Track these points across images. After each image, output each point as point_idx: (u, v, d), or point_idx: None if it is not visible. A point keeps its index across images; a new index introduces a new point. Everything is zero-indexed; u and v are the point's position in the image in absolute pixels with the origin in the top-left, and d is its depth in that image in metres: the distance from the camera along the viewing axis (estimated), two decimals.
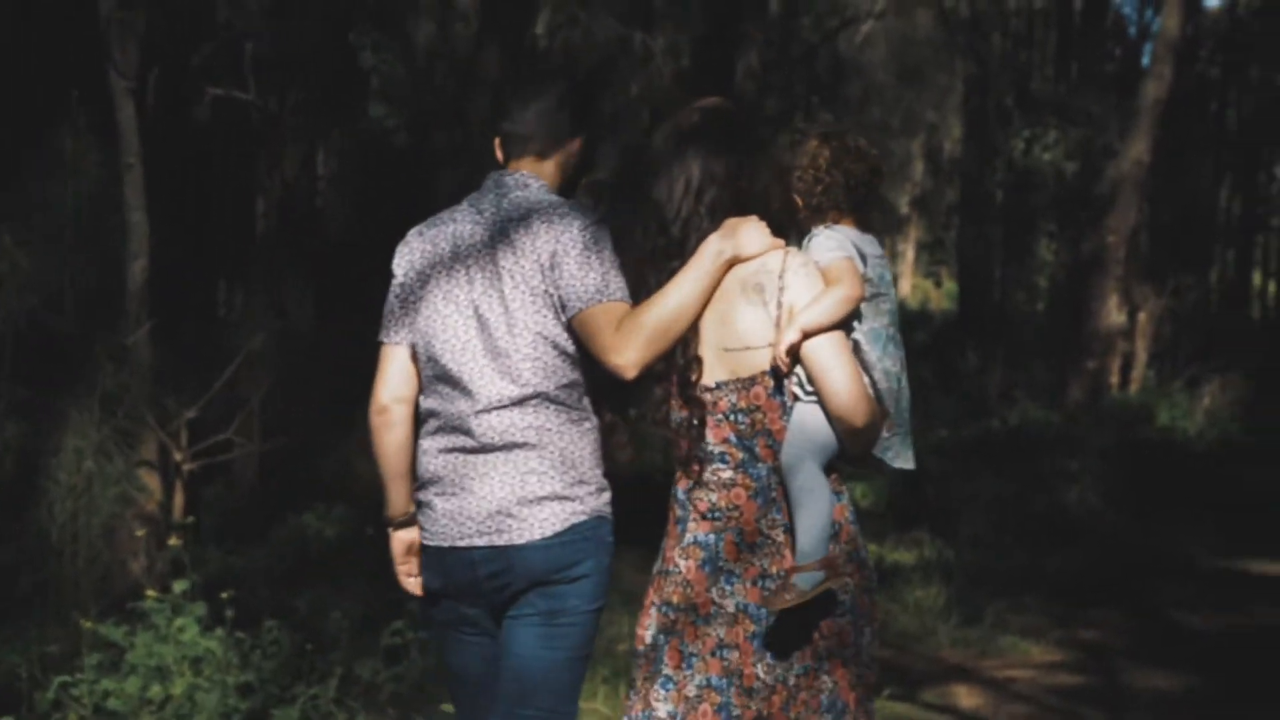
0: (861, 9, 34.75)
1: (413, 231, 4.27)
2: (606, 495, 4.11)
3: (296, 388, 12.34)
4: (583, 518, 4.01)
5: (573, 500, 4.00)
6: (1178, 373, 21.32)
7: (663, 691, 3.95)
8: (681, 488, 4.02)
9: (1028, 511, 13.41)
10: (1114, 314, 19.45)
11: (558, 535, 3.97)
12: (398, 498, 4.26)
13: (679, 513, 4.02)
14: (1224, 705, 8.39)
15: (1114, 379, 20.27)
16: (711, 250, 3.92)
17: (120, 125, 9.90)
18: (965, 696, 8.56)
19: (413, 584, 4.33)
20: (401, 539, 4.30)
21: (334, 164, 15.77)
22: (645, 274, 4.00)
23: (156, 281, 10.06)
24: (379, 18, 17.49)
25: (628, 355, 3.87)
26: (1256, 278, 34.08)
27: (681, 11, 29.06)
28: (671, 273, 3.93)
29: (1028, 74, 32.55)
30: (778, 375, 3.87)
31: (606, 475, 4.16)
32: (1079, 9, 28.41)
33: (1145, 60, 32.72)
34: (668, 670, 3.94)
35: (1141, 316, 21.52)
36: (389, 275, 4.30)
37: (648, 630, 4.03)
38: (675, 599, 3.96)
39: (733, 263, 3.93)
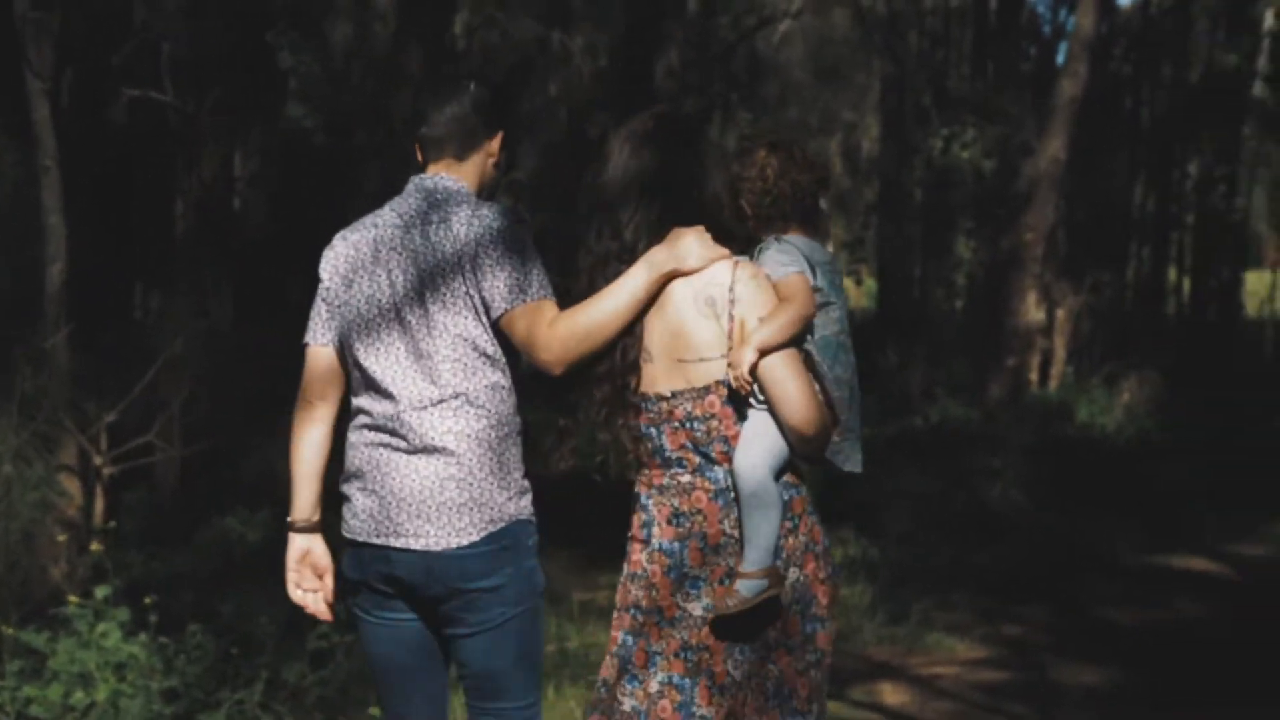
0: (779, 8, 34.80)
1: (337, 236, 4.32)
2: (527, 498, 4.19)
3: (218, 390, 12.26)
4: (500, 525, 4.08)
5: (491, 507, 4.08)
6: (1096, 369, 21.47)
7: (628, 687, 4.07)
8: (644, 493, 4.11)
9: (951, 509, 13.48)
10: (1033, 311, 19.56)
11: (473, 545, 4.05)
12: (304, 501, 4.36)
13: (643, 517, 4.11)
14: (1148, 700, 8.45)
15: (1033, 376, 20.39)
16: (652, 261, 3.99)
17: (36, 127, 9.82)
18: (891, 694, 8.59)
19: (299, 595, 4.42)
20: (299, 545, 4.38)
21: (252, 164, 15.67)
22: (595, 278, 4.06)
23: (75, 284, 9.96)
24: (296, 18, 17.39)
25: (555, 353, 3.95)
26: (1171, 274, 34.36)
27: (600, 11, 29.05)
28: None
29: (945, 73, 32.73)
30: (729, 384, 3.94)
31: (531, 476, 4.22)
32: (994, 8, 28.60)
33: (1060, 59, 33.00)
34: (634, 669, 4.06)
35: (1060, 313, 21.65)
36: (310, 275, 4.32)
37: (620, 632, 4.13)
38: (644, 602, 4.07)
39: (672, 275, 4.01)
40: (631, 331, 4.02)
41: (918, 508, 13.12)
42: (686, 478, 4.04)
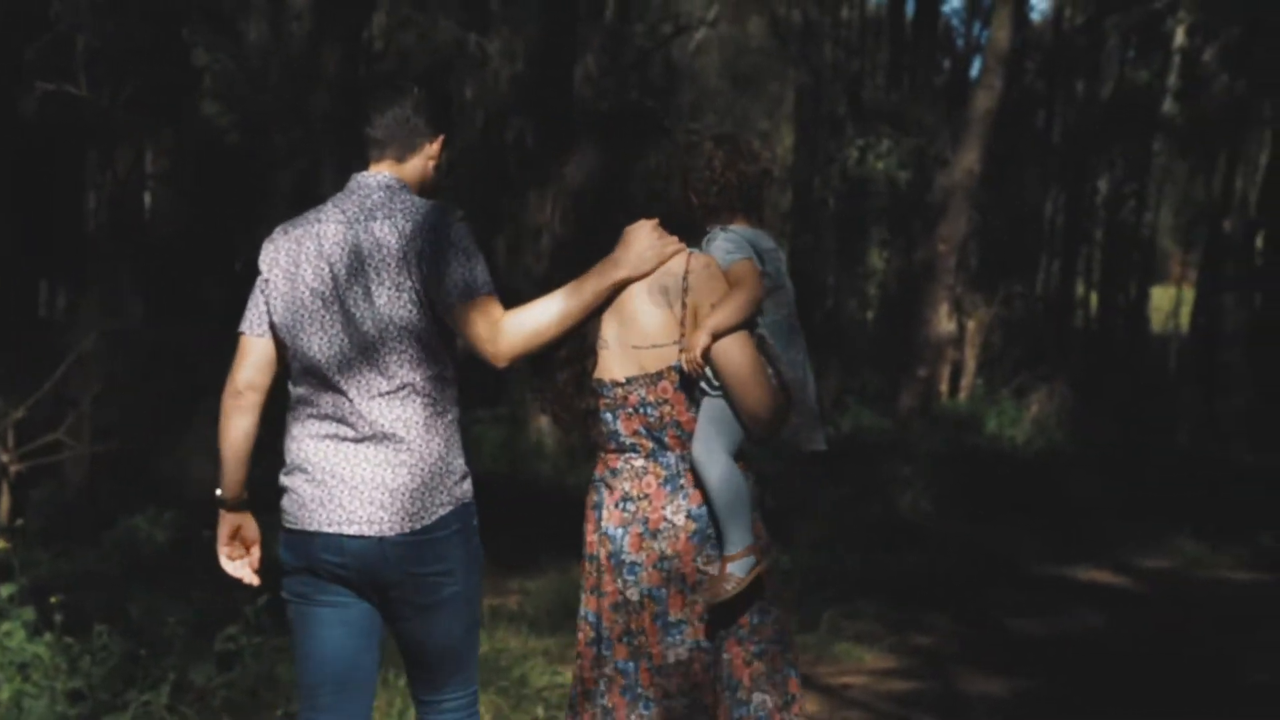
0: (695, 16, 34.87)
1: (278, 230, 4.44)
2: (468, 481, 4.36)
3: (128, 388, 12.15)
4: (450, 508, 4.27)
5: (440, 491, 4.25)
6: (1006, 381, 21.62)
7: (596, 670, 4.31)
8: (598, 475, 4.33)
9: (861, 517, 13.54)
10: (945, 322, 19.68)
11: (427, 529, 4.22)
12: (234, 481, 4.55)
13: (595, 499, 4.32)
14: (1052, 709, 8.51)
15: (944, 387, 20.51)
16: (605, 272, 4.20)
17: None
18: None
19: (232, 567, 4.67)
20: (231, 521, 4.63)
21: (165, 162, 15.55)
22: (557, 265, 4.13)
23: None
24: (211, 15, 17.28)
25: (502, 348, 4.16)
26: (1080, 288, 34.67)
27: (517, 15, 28.99)
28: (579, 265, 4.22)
29: (860, 83, 32.86)
30: (683, 370, 4.13)
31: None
32: (910, 20, 28.78)
33: (974, 72, 33.24)
34: (581, 647, 4.35)
35: (971, 325, 21.78)
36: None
37: (584, 607, 4.34)
38: (593, 583, 4.31)
39: (625, 283, 4.21)
40: (593, 319, 4.21)
41: (828, 516, 13.17)
42: (640, 462, 4.23)
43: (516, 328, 4.17)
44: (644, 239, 4.22)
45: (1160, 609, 11.77)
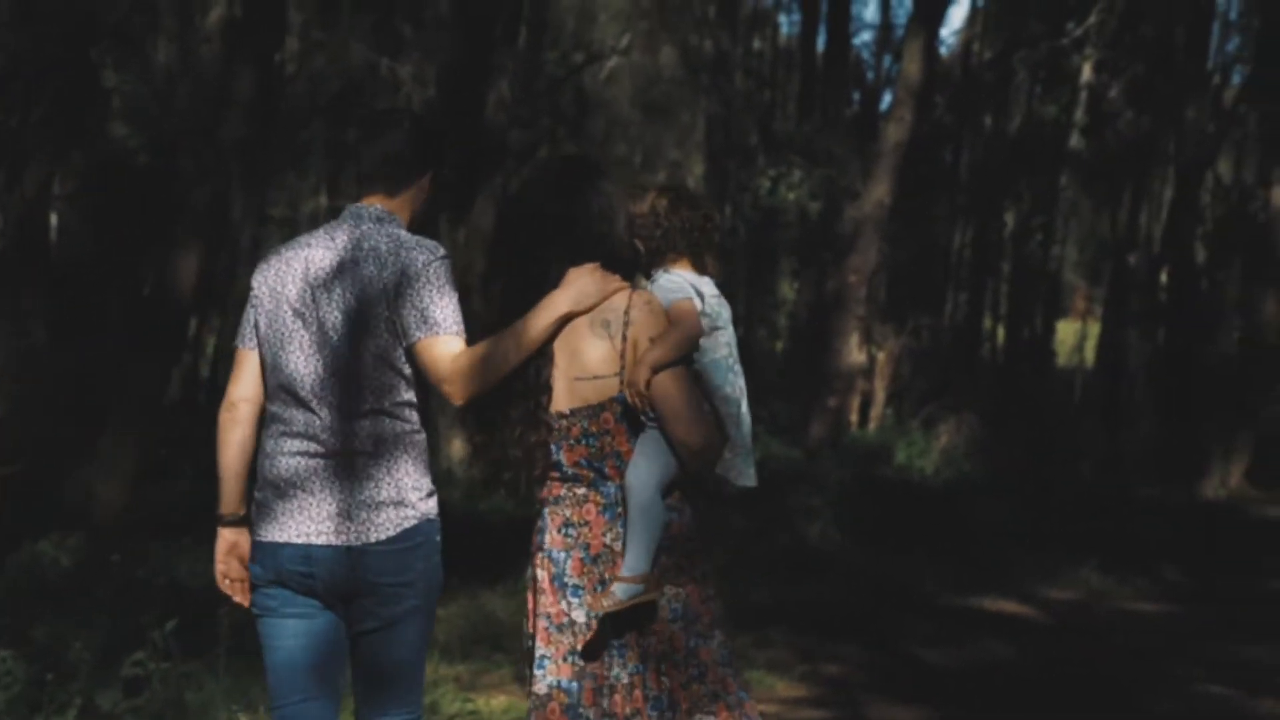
0: (607, 45, 34.94)
1: (272, 252, 4.63)
2: (434, 499, 4.50)
3: (33, 410, 12.01)
4: (415, 522, 4.40)
5: (406, 506, 4.39)
6: (914, 412, 21.75)
7: (532, 684, 4.43)
8: (545, 501, 4.46)
9: (771, 547, 13.56)
10: (855, 353, 19.77)
11: (392, 540, 4.36)
12: (231, 496, 4.62)
13: (540, 525, 4.46)
14: None
15: (853, 417, 20.61)
16: (550, 306, 4.35)
17: None
18: None
19: (228, 586, 4.67)
20: (227, 538, 4.65)
21: (73, 182, 15.40)
22: (509, 308, 4.41)
23: None
24: (120, 36, 17.14)
25: (458, 386, 4.30)
26: (987, 321, 34.94)
27: (429, 40, 28.93)
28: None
29: (771, 113, 33.02)
30: (624, 402, 4.31)
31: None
32: (821, 52, 28.93)
33: (884, 105, 33.47)
34: (527, 669, 4.48)
35: (880, 356, 21.92)
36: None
37: (527, 628, 4.49)
38: (534, 605, 4.45)
39: (569, 317, 4.37)
40: (544, 353, 4.36)
41: (738, 545, 13.18)
42: (581, 490, 4.39)
43: (470, 366, 4.30)
44: (586, 277, 4.39)
45: (1066, 640, 11.87)
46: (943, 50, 35.28)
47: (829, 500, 15.17)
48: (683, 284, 4.55)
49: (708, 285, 4.63)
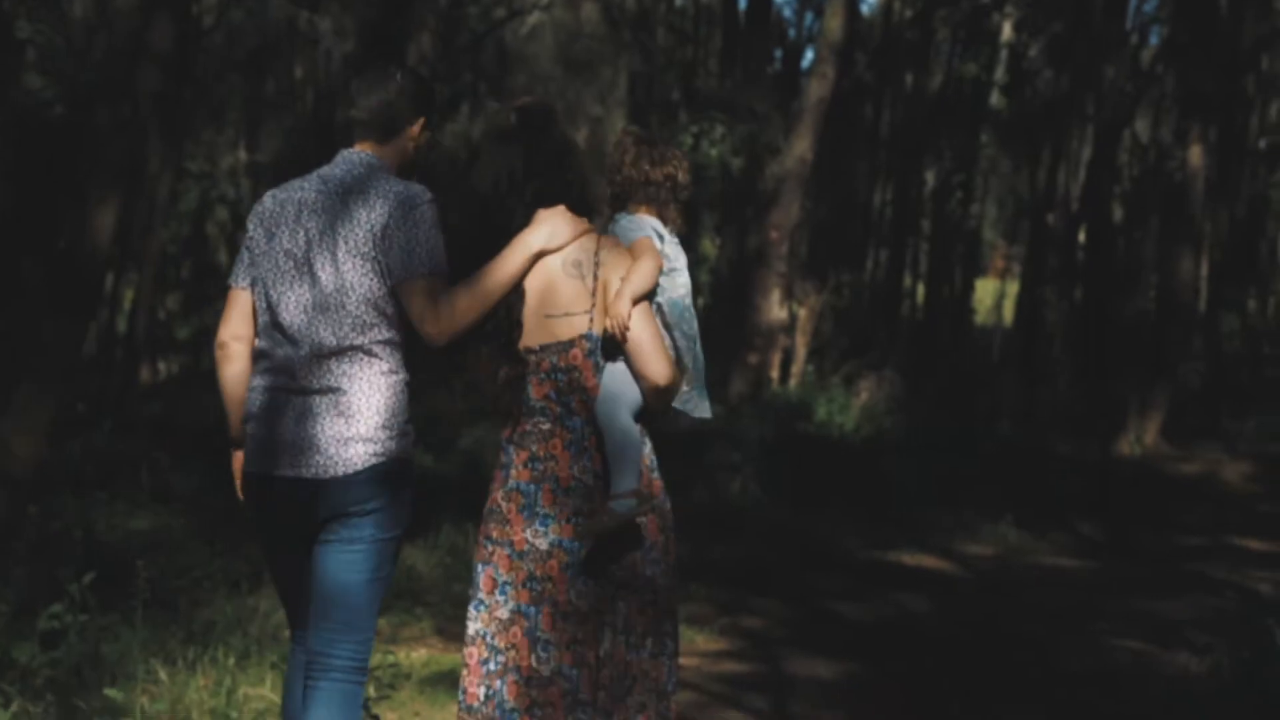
0: (528, 1, 34.78)
1: (267, 194, 4.86)
2: (408, 440, 4.71)
3: None
4: (381, 459, 4.61)
5: (374, 443, 4.60)
6: (835, 369, 21.81)
7: (474, 612, 4.65)
8: (506, 437, 4.70)
9: (692, 502, 13.59)
10: (776, 309, 19.79)
11: (358, 473, 4.59)
12: (237, 421, 4.87)
13: (503, 459, 4.68)
14: (878, 692, 8.62)
15: (774, 374, 20.64)
16: (522, 244, 4.59)
17: None
18: None
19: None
20: (239, 459, 4.92)
21: None
22: (469, 258, 4.60)
23: None
24: None
25: (439, 327, 4.53)
26: (908, 278, 35.09)
27: None
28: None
29: (694, 70, 32.98)
30: (593, 339, 4.58)
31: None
32: (743, 9, 28.91)
33: (806, 63, 33.48)
34: (481, 595, 4.64)
35: (802, 312, 21.95)
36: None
37: (477, 560, 4.69)
38: (495, 535, 4.63)
39: (540, 254, 4.61)
40: (516, 290, 4.58)
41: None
42: (547, 425, 4.61)
43: (450, 309, 4.54)
44: (557, 217, 4.62)
45: (983, 595, 11.97)
46: (864, 8, 35.34)
47: (749, 456, 15.20)
48: (642, 223, 4.82)
49: (666, 232, 4.86)
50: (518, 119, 4.79)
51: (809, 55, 33.41)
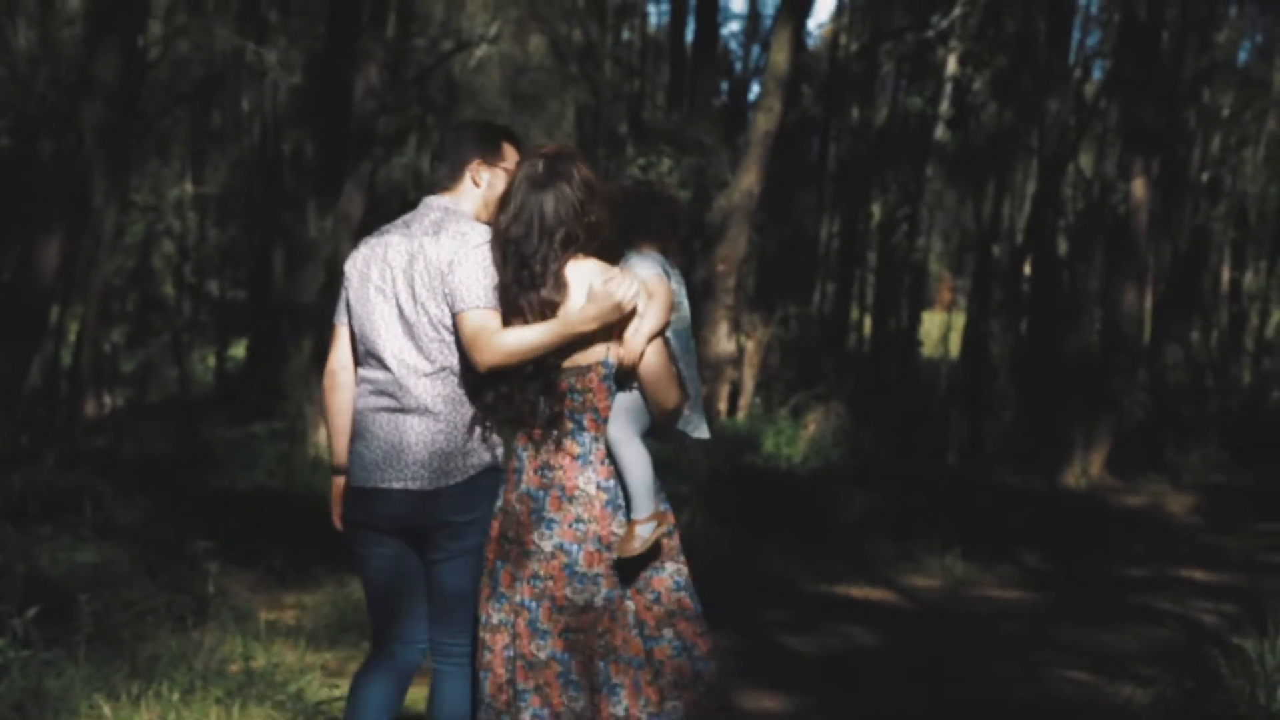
0: (476, 33, 34.84)
1: (363, 241, 5.56)
2: (499, 449, 5.37)
3: None
4: (476, 470, 5.29)
5: (469, 455, 5.28)
6: (783, 401, 21.82)
7: (496, 605, 5.17)
8: (521, 445, 5.24)
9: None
10: (724, 341, 19.81)
11: (457, 485, 5.26)
12: (340, 449, 5.54)
13: (516, 465, 5.24)
14: None
15: (722, 405, 20.64)
16: (570, 323, 5.06)
17: None
18: None
19: (348, 528, 5.57)
20: (340, 485, 5.58)
21: None
22: (509, 298, 5.13)
23: None
24: None
25: (484, 358, 5.10)
26: (855, 311, 35.19)
27: (297, 25, 28.70)
28: (537, 301, 5.10)
29: (640, 103, 33.04)
30: (609, 366, 5.13)
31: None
32: (690, 43, 28.99)
33: (753, 95, 33.58)
34: (502, 589, 5.16)
35: (749, 345, 21.97)
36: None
37: (493, 558, 5.20)
38: (510, 533, 5.18)
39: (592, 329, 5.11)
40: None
41: None
42: (558, 438, 5.15)
43: (501, 346, 5.08)
44: (611, 299, 5.06)
45: (929, 627, 11.98)
46: (810, 42, 35.52)
47: (697, 488, 15.19)
48: (655, 261, 5.36)
49: (672, 268, 5.43)
50: (546, 166, 5.22)
51: (755, 88, 33.57)
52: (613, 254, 5.35)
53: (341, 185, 18.46)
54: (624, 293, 5.07)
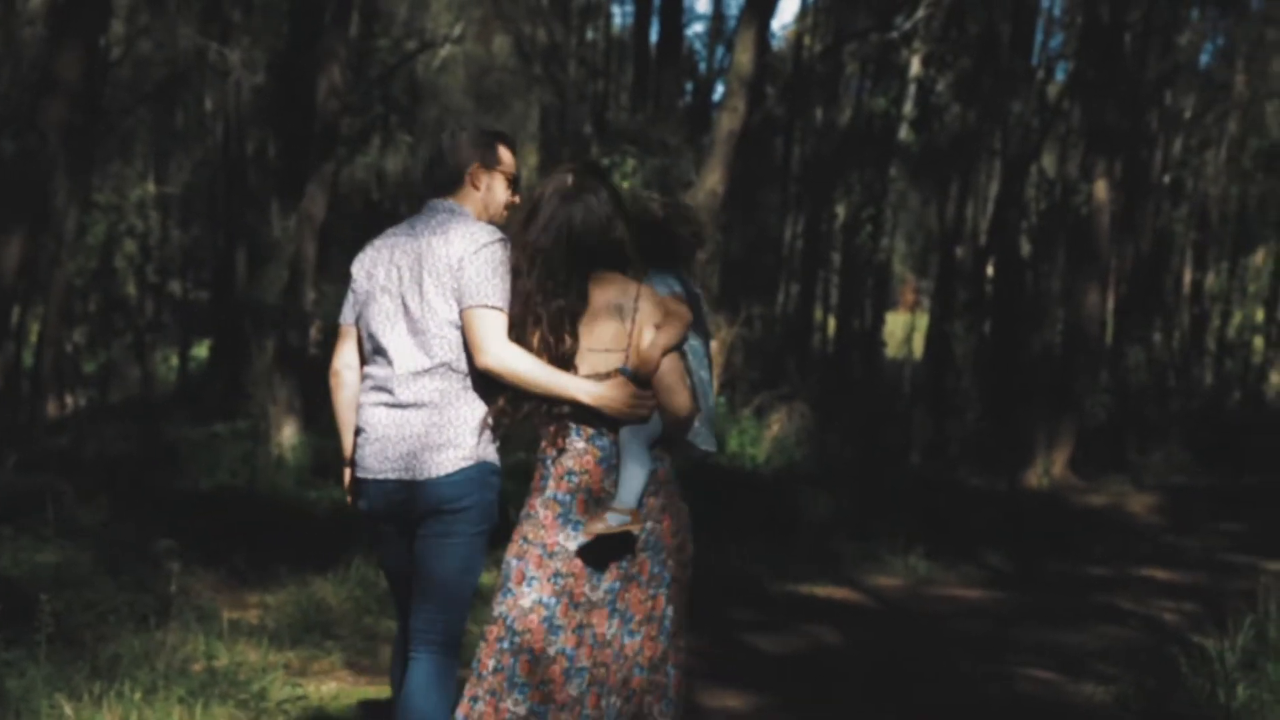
0: (440, 33, 34.79)
1: (369, 243, 5.76)
2: (491, 445, 5.52)
3: None
4: (470, 463, 5.45)
5: (463, 448, 5.44)
6: (747, 401, 21.83)
7: (501, 597, 5.31)
8: (549, 454, 5.39)
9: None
10: None
11: (449, 475, 5.43)
12: (348, 442, 5.76)
13: (543, 472, 5.40)
14: None
15: None
16: (579, 389, 5.27)
17: None
18: None
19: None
20: (350, 473, 5.79)
21: None
22: (531, 305, 5.32)
23: None
24: None
25: (488, 361, 5.32)
26: (819, 312, 35.23)
27: (260, 25, 28.61)
28: (558, 310, 5.29)
29: (605, 103, 33.04)
30: (628, 373, 5.30)
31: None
32: (654, 43, 28.99)
33: (717, 96, 33.60)
34: (510, 584, 5.30)
35: (714, 345, 21.96)
36: None
37: (510, 556, 5.35)
38: (530, 536, 5.33)
39: (587, 405, 5.30)
40: (574, 333, 5.29)
41: None
42: (581, 444, 5.33)
43: (512, 363, 5.29)
44: (624, 393, 5.27)
45: (893, 626, 12.00)
46: (774, 42, 35.56)
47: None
48: (673, 280, 5.58)
49: (693, 285, 5.66)
50: (573, 182, 5.43)
51: (719, 89, 33.57)
52: (634, 268, 5.56)
53: (304, 185, 18.44)
54: (639, 402, 5.30)
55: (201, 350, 35.37)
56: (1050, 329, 27.12)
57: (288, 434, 17.01)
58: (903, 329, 36.00)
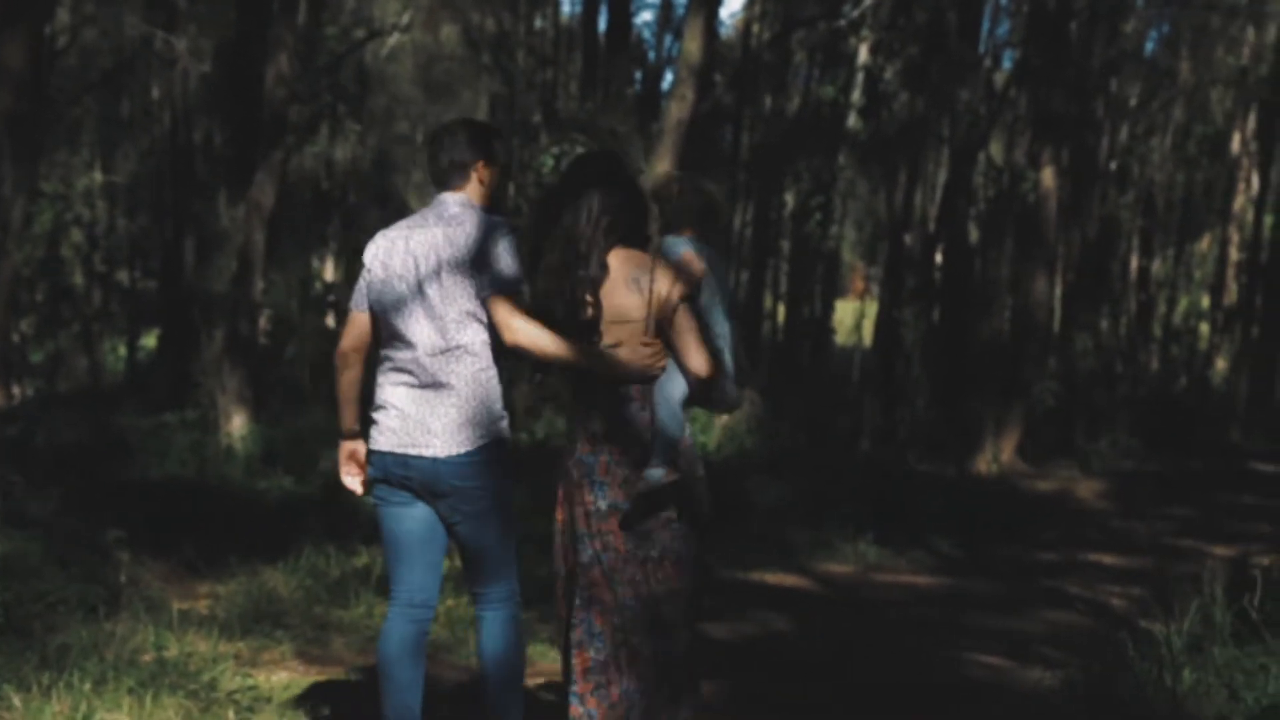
0: (388, 22, 34.67)
1: (380, 234, 6.16)
2: (504, 422, 6.01)
3: None
4: (486, 440, 5.93)
5: (480, 426, 5.90)
6: None
7: (564, 553, 6.02)
8: (575, 416, 5.92)
9: (551, 522, 13.57)
10: None
11: (468, 454, 5.89)
12: (348, 418, 6.26)
13: (572, 434, 5.94)
14: (739, 710, 8.64)
15: None
16: (601, 359, 5.76)
17: None
18: None
19: (350, 481, 6.30)
20: (347, 447, 6.28)
21: None
22: (555, 278, 5.80)
23: None
24: None
25: (514, 338, 5.76)
26: (768, 299, 35.27)
27: (207, 12, 28.45)
28: (581, 278, 5.76)
29: (554, 92, 32.99)
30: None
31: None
32: (603, 32, 28.97)
33: (666, 85, 33.60)
34: (566, 539, 5.97)
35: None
36: None
37: (560, 510, 6.00)
38: (573, 496, 5.89)
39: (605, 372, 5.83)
40: (597, 302, 5.75)
41: (519, 523, 13.15)
42: (606, 408, 5.82)
43: (535, 333, 5.73)
44: (639, 352, 5.77)
45: (843, 612, 12.06)
46: (723, 31, 35.55)
47: None
48: (684, 242, 6.13)
49: (707, 249, 6.19)
50: (595, 164, 6.05)
51: (669, 77, 33.63)
52: (650, 243, 6.04)
53: (253, 174, 18.36)
54: (654, 356, 5.79)
55: (150, 340, 35.19)
56: (999, 316, 27.22)
57: (237, 424, 16.95)
58: (852, 316, 36.05)
